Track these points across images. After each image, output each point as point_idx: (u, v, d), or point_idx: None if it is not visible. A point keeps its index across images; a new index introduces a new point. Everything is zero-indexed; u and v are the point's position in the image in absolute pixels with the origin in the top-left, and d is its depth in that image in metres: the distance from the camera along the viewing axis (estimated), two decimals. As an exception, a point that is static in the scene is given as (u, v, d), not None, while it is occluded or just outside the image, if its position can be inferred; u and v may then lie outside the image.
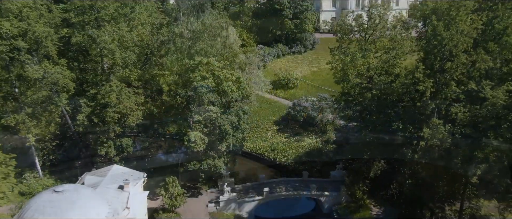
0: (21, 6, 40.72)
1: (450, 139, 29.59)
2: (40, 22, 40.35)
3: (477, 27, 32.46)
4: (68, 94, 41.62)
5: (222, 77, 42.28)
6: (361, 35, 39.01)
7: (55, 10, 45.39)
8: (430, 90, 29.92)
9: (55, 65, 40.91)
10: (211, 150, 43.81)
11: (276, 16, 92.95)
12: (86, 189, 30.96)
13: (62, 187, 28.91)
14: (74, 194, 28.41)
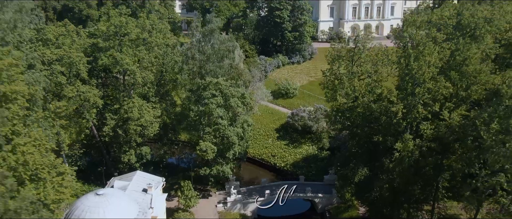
0: (57, 34, 47.44)
1: (417, 151, 35.97)
2: (72, 47, 46.99)
3: (443, 57, 39.00)
4: (97, 110, 48.25)
5: (229, 94, 48.81)
6: (349, 61, 45.40)
7: (83, 34, 52.19)
8: (402, 111, 36.35)
9: (86, 85, 47.56)
10: (219, 157, 50.39)
11: (276, 28, 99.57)
12: (120, 192, 37.51)
13: (102, 191, 35.49)
14: (111, 197, 34.93)
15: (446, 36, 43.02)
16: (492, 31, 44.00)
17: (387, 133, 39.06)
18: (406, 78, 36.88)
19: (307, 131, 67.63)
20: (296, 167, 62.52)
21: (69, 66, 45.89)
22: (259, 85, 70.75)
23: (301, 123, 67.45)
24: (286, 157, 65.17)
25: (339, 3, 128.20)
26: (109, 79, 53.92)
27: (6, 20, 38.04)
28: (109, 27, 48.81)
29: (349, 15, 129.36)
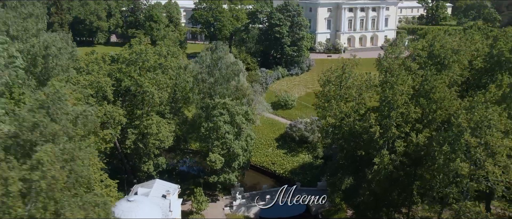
0: (88, 62, 55.17)
1: (391, 165, 43.46)
2: (100, 73, 54.71)
3: (416, 85, 46.65)
4: (121, 126, 55.89)
5: (234, 112, 56.45)
6: (337, 85, 52.85)
7: (107, 59, 59.98)
8: (379, 131, 43.85)
9: (111, 105, 55.21)
10: (226, 166, 58.04)
11: (276, 42, 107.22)
12: (145, 198, 45.21)
13: (132, 197, 43.21)
14: (140, 202, 42.63)
15: (420, 65, 50.79)
16: (459, 60, 51.62)
17: (368, 148, 46.66)
18: (383, 103, 44.46)
19: (304, 141, 75.26)
20: (293, 173, 70.09)
21: (98, 90, 53.59)
22: (260, 99, 78.27)
23: (298, 133, 75.13)
24: (284, 164, 72.81)
25: (336, 15, 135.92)
26: (130, 98, 61.54)
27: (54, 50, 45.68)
28: (131, 55, 56.55)
29: (345, 27, 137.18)
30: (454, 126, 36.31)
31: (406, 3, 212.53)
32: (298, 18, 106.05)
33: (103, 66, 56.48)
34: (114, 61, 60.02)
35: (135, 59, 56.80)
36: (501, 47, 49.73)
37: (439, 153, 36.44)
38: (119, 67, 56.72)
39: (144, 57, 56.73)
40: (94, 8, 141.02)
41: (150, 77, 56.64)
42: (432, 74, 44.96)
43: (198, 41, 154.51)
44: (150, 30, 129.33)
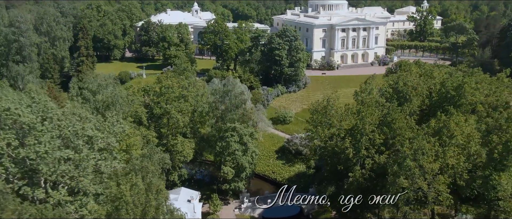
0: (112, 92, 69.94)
1: (362, 178, 57.95)
2: (138, 104, 69.54)
3: (382, 116, 61.27)
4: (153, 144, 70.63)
5: (242, 134, 71.21)
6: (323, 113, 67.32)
7: (139, 92, 74.87)
8: (352, 152, 58.40)
9: (146, 128, 69.99)
10: (235, 176, 72.81)
11: (276, 63, 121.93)
12: (175, 202, 59.96)
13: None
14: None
15: (387, 99, 65.64)
16: (418, 94, 66.33)
17: (345, 164, 61.40)
18: (356, 131, 59.21)
19: (299, 153, 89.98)
20: (290, 181, 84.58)
21: (136, 117, 68.45)
22: (262, 117, 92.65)
23: (294, 147, 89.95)
24: (283, 173, 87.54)
25: (330, 35, 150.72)
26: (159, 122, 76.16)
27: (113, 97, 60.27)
28: (161, 88, 71.45)
29: (338, 46, 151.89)
30: (401, 152, 50.98)
31: (398, 17, 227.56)
32: (295, 43, 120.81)
33: (139, 98, 71.28)
34: (144, 92, 74.89)
35: (164, 92, 71.65)
36: (448, 86, 64.34)
37: (390, 171, 51.15)
38: (152, 99, 71.54)
39: (170, 90, 71.59)
40: (112, 28, 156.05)
41: (175, 106, 71.53)
42: (393, 108, 59.66)
43: (205, 57, 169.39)
44: (163, 50, 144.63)
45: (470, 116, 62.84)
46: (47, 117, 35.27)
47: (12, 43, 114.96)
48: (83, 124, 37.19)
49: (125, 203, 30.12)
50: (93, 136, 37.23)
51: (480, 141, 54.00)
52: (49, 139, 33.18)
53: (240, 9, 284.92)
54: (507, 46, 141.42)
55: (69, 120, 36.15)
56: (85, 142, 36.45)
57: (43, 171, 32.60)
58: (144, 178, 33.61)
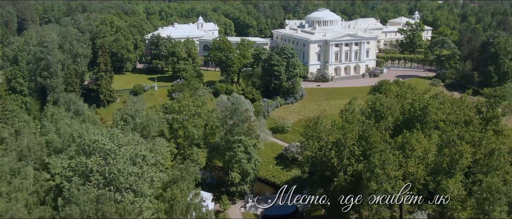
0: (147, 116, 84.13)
1: (344, 182, 71.91)
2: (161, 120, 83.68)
3: (359, 132, 75.47)
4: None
5: (247, 145, 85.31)
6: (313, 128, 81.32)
7: (161, 109, 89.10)
8: (336, 161, 72.41)
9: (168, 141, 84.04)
10: (241, 181, 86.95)
11: (275, 78, 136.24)
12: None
13: (189, 202, 72.04)
14: (194, 205, 71.45)
15: (366, 116, 79.93)
16: (392, 113, 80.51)
17: (331, 171, 75.61)
18: (340, 143, 73.42)
19: (295, 160, 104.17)
20: (287, 183, 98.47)
21: (159, 132, 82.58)
22: (263, 128, 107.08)
23: (291, 154, 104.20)
24: (281, 177, 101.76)
25: (324, 50, 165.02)
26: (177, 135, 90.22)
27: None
28: (179, 107, 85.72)
29: (332, 59, 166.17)
30: (371, 162, 65.16)
31: (390, 28, 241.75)
32: (292, 60, 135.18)
33: (161, 115, 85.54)
34: (166, 110, 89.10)
35: (182, 110, 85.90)
36: (416, 106, 78.47)
37: (364, 177, 65.37)
38: (173, 117, 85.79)
39: (187, 109, 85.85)
40: (125, 43, 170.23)
41: (191, 122, 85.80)
42: (370, 125, 73.92)
43: (210, 68, 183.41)
44: (172, 64, 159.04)
45: (434, 131, 77.16)
46: (120, 144, 49.55)
47: (41, 61, 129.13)
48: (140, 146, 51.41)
49: (177, 202, 43.77)
50: (146, 155, 51.52)
51: (436, 153, 68.29)
52: (124, 159, 47.50)
53: (241, 18, 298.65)
54: (485, 59, 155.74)
55: (132, 144, 50.43)
56: (141, 159, 50.68)
57: (120, 181, 46.68)
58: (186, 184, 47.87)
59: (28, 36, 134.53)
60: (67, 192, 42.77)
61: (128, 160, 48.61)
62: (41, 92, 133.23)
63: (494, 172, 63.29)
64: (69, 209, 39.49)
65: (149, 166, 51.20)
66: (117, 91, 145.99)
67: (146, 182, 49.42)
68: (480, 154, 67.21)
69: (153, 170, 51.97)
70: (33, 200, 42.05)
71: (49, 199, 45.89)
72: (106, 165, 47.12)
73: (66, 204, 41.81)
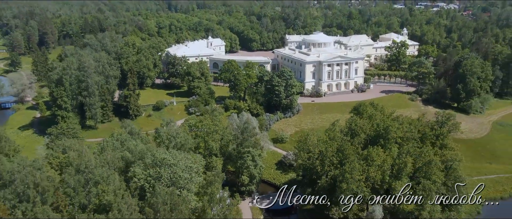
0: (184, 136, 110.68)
1: (326, 183, 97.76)
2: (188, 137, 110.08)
3: (338, 145, 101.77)
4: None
5: (254, 154, 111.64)
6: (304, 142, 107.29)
7: (187, 127, 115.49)
8: (320, 167, 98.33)
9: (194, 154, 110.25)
10: (249, 182, 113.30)
11: (276, 96, 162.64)
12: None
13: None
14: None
15: (344, 134, 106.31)
16: (364, 131, 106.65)
17: (317, 175, 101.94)
18: (323, 154, 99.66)
19: (291, 165, 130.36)
20: (286, 184, 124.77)
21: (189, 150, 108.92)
22: (266, 140, 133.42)
23: (288, 161, 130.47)
24: (280, 179, 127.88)
25: (318, 69, 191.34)
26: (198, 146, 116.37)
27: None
28: (202, 126, 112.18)
29: (325, 77, 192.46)
30: (343, 169, 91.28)
31: (380, 44, 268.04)
32: (290, 81, 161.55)
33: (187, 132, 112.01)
34: (191, 129, 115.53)
35: (204, 128, 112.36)
36: (380, 126, 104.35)
37: (338, 180, 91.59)
38: (196, 133, 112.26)
39: (208, 127, 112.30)
40: (145, 63, 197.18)
41: (211, 137, 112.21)
42: (345, 141, 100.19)
43: (219, 83, 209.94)
44: (188, 82, 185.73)
45: (395, 145, 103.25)
46: (177, 159, 75.87)
47: (81, 83, 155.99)
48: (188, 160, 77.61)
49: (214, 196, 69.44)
50: (192, 166, 77.54)
51: (392, 162, 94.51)
52: (181, 169, 73.80)
53: (245, 32, 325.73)
54: (457, 77, 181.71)
55: (184, 159, 76.89)
56: (189, 169, 76.92)
57: (180, 183, 72.83)
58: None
59: (70, 62, 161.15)
60: (151, 189, 69.31)
61: (183, 169, 74.71)
62: (80, 108, 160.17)
63: (429, 176, 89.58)
64: (154, 198, 65.38)
65: (194, 173, 77.24)
66: (142, 106, 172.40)
67: (193, 183, 75.60)
68: (420, 163, 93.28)
69: (195, 175, 78.14)
70: (128, 194, 67.78)
71: (136, 194, 71.99)
72: (171, 173, 73.32)
73: (151, 196, 67.90)
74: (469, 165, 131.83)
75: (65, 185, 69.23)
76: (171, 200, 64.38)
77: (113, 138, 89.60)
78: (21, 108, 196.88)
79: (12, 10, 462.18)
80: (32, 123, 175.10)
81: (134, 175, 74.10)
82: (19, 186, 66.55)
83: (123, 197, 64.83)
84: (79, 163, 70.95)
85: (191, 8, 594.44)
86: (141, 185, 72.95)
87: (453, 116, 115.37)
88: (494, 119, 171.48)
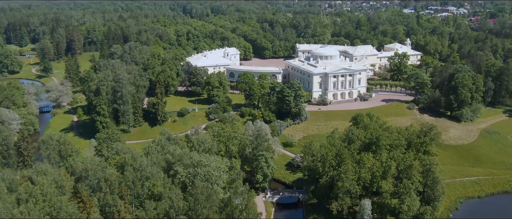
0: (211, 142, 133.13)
1: (327, 181, 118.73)
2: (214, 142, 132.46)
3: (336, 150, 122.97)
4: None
5: (267, 157, 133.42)
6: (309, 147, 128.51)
7: (212, 134, 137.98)
8: (321, 168, 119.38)
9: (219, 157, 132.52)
10: (263, 180, 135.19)
11: (286, 105, 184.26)
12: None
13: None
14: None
15: (342, 141, 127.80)
16: (359, 139, 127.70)
17: (320, 174, 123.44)
18: (324, 158, 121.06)
19: (299, 166, 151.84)
20: (294, 182, 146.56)
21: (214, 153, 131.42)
22: (277, 145, 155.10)
23: (296, 163, 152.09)
24: (289, 178, 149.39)
25: (325, 80, 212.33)
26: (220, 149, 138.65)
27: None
28: (223, 132, 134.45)
29: (331, 87, 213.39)
30: (340, 170, 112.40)
31: (384, 54, 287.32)
32: (299, 91, 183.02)
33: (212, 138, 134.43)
34: (215, 136, 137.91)
35: (225, 134, 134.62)
36: (373, 135, 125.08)
37: (335, 179, 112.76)
38: (219, 139, 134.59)
39: (228, 133, 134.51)
40: (169, 73, 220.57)
41: (231, 142, 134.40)
42: (343, 147, 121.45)
43: (236, 91, 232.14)
44: (208, 91, 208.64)
45: (385, 151, 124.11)
46: (210, 160, 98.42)
47: (117, 92, 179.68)
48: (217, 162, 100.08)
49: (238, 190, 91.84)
50: (221, 166, 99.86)
51: (380, 165, 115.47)
52: (213, 168, 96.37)
53: (258, 41, 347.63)
54: (450, 88, 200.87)
55: (215, 160, 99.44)
56: (218, 168, 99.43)
57: (212, 179, 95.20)
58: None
59: (106, 74, 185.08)
60: (190, 183, 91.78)
61: (214, 168, 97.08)
62: (115, 114, 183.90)
63: (410, 177, 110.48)
64: (194, 190, 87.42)
65: (222, 172, 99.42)
66: (168, 113, 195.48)
67: (221, 180, 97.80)
68: (403, 166, 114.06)
69: (223, 173, 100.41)
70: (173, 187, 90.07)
71: (179, 187, 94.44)
72: (205, 171, 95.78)
73: (192, 188, 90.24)
74: (454, 168, 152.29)
75: (126, 179, 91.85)
76: (206, 191, 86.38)
77: (155, 143, 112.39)
78: (59, 112, 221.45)
79: (39, 17, 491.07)
80: (72, 126, 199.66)
81: (177, 172, 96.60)
82: (92, 180, 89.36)
83: (171, 189, 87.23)
84: (136, 163, 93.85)
85: (205, 13, 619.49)
86: (183, 180, 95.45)
87: (435, 127, 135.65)
88: (483, 127, 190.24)
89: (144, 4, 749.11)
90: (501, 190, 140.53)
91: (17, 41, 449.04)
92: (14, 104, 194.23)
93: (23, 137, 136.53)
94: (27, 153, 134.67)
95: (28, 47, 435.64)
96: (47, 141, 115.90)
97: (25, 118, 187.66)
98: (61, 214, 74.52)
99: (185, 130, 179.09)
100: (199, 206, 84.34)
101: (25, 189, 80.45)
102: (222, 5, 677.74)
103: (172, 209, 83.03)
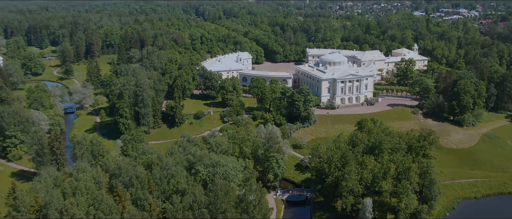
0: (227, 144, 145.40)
1: (332, 181, 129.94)
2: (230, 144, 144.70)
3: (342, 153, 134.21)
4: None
5: (278, 158, 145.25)
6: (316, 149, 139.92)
7: (227, 137, 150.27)
8: (327, 169, 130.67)
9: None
10: (274, 179, 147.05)
11: (296, 109, 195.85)
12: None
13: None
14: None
15: (347, 144, 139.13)
16: (363, 142, 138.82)
17: (325, 175, 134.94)
18: (330, 159, 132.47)
19: (307, 167, 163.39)
20: (302, 182, 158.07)
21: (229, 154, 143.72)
22: (287, 147, 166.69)
23: (304, 164, 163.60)
24: (298, 178, 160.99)
25: (333, 85, 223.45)
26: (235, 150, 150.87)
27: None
28: (237, 134, 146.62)
29: (339, 92, 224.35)
30: (344, 171, 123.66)
31: (392, 59, 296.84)
32: (308, 97, 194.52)
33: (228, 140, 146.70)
34: (231, 137, 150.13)
35: (240, 137, 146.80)
36: (376, 139, 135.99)
37: (340, 179, 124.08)
38: (235, 141, 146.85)
39: (243, 135, 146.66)
40: (186, 78, 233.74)
41: (245, 144, 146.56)
42: (348, 149, 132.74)
43: (248, 95, 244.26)
44: (222, 95, 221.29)
45: (386, 154, 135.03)
46: (227, 160, 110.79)
47: (138, 96, 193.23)
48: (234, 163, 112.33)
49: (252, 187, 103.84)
50: (237, 166, 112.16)
51: (380, 167, 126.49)
52: (231, 167, 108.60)
53: (269, 45, 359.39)
54: (453, 94, 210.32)
55: (231, 160, 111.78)
56: (234, 168, 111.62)
57: (230, 177, 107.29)
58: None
59: (128, 79, 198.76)
60: (210, 181, 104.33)
61: (231, 168, 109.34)
62: (136, 116, 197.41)
63: (408, 178, 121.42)
64: (214, 187, 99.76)
65: (238, 171, 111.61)
66: (185, 115, 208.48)
67: (237, 178, 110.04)
68: (401, 168, 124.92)
69: (239, 173, 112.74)
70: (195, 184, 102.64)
71: (200, 184, 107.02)
72: (224, 171, 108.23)
73: (212, 185, 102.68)
74: (454, 170, 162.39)
75: (154, 177, 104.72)
76: (225, 188, 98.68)
77: (177, 145, 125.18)
78: (82, 114, 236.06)
79: (59, 20, 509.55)
80: (95, 127, 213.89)
81: (198, 171, 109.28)
82: (125, 177, 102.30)
83: (193, 186, 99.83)
84: (162, 162, 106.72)
85: (218, 16, 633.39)
86: (204, 178, 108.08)
87: (434, 132, 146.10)
88: (484, 131, 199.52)
89: (158, 6, 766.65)
90: (497, 191, 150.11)
91: (37, 44, 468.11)
92: (43, 106, 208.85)
93: (56, 137, 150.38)
94: (59, 152, 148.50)
95: (48, 49, 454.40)
96: (81, 142, 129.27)
97: (53, 119, 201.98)
98: (102, 205, 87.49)
99: (201, 131, 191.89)
100: (218, 201, 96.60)
101: (70, 184, 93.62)
102: (234, 7, 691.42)
103: (195, 203, 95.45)
